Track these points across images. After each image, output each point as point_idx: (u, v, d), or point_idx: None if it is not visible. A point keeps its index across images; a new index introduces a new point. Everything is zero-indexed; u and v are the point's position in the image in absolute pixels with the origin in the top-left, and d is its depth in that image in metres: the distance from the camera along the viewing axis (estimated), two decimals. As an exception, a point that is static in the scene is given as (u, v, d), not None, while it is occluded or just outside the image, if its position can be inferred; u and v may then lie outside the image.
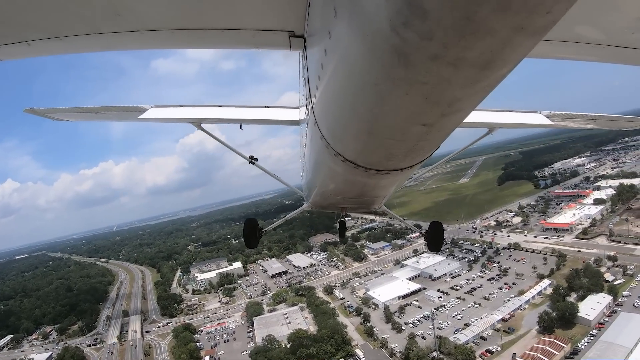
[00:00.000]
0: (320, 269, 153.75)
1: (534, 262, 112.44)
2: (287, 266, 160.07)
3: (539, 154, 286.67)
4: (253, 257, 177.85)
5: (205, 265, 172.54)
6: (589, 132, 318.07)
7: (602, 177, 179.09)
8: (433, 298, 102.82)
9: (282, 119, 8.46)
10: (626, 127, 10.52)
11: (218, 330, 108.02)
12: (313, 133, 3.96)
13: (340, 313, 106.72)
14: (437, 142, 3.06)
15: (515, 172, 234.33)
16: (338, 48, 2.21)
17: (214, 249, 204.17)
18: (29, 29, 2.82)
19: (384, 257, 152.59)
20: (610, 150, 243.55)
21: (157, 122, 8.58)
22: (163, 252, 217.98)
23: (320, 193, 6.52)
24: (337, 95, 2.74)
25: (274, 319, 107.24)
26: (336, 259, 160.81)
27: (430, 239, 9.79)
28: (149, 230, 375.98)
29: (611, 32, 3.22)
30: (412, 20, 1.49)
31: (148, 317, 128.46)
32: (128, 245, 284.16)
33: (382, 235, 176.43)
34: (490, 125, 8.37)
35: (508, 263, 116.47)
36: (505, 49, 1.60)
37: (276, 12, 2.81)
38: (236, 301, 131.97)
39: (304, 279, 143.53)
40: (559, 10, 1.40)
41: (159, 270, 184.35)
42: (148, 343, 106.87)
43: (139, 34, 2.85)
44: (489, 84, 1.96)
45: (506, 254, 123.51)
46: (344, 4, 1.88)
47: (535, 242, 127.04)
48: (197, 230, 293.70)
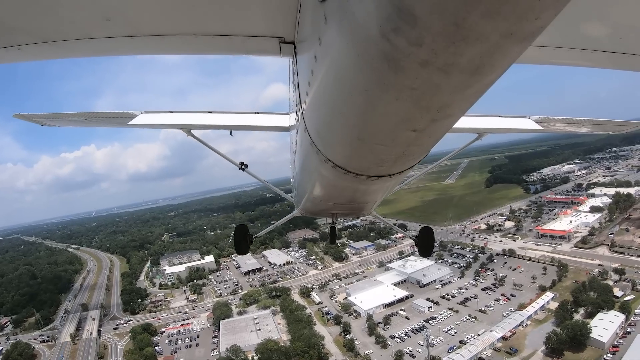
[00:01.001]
0: (297, 267, 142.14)
1: (532, 271, 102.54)
2: (262, 262, 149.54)
3: (526, 159, 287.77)
4: (227, 251, 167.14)
5: (176, 258, 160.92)
6: (577, 140, 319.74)
7: (595, 184, 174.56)
8: (422, 308, 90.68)
9: (272, 125, 8.36)
10: (614, 131, 9.79)
11: (181, 332, 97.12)
12: (303, 139, 3.94)
13: (318, 320, 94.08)
14: (427, 148, 3.05)
15: (503, 176, 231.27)
16: (328, 54, 2.21)
17: (187, 240, 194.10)
18: (18, 33, 2.80)
19: (366, 258, 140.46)
20: (600, 158, 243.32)
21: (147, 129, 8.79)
22: (136, 240, 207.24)
23: (310, 199, 6.38)
24: (328, 101, 2.74)
25: (242, 323, 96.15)
26: (315, 258, 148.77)
27: (421, 244, 9.44)
28: (126, 218, 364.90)
29: (599, 37, 3.26)
30: (402, 27, 1.50)
31: (109, 312, 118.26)
32: (103, 232, 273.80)
33: (365, 234, 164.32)
34: (479, 130, 8.33)
35: (503, 271, 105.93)
36: (494, 55, 1.61)
37: (267, 19, 2.81)
38: (204, 299, 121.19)
39: (279, 278, 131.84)
40: (547, 16, 1.41)
41: (129, 260, 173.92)
42: (104, 343, 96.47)
43: (130, 40, 2.85)
44: (479, 90, 1.97)
45: (501, 261, 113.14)
46: (334, 11, 1.87)
47: (531, 249, 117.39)
48: (174, 220, 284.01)
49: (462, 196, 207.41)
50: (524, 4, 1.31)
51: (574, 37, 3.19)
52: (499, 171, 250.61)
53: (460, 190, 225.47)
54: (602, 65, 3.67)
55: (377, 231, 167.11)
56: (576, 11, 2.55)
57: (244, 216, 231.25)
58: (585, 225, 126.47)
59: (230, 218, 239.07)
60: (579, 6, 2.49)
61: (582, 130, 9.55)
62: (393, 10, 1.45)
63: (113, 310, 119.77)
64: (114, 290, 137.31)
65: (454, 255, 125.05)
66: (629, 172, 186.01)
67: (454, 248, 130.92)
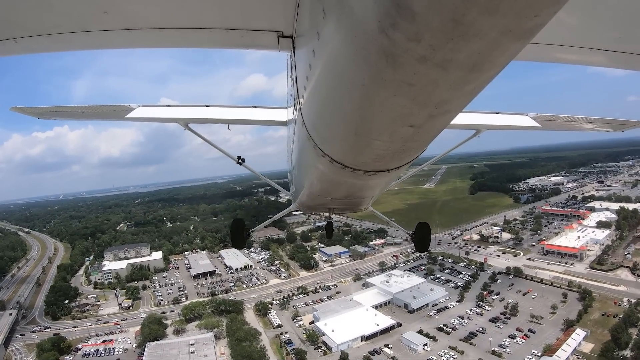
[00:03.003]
0: (257, 273, 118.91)
1: (548, 296, 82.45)
2: (217, 264, 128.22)
3: (507, 169, 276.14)
4: (181, 247, 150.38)
5: (122, 251, 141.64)
6: (558, 154, 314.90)
7: (591, 198, 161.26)
8: (414, 345, 67.08)
9: (270, 119, 8.30)
10: (611, 129, 9.30)
11: (100, 353, 77.97)
12: (300, 134, 3.90)
13: (274, 353, 68.53)
14: (425, 143, 3.04)
15: (488, 183, 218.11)
16: (326, 49, 2.20)
17: (139, 232, 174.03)
18: (15, 26, 2.80)
19: (340, 268, 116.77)
20: (587, 172, 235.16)
21: (144, 122, 8.75)
22: (88, 228, 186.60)
23: (307, 194, 6.23)
24: (325, 96, 2.74)
25: (174, 349, 75.02)
26: (279, 263, 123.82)
27: (418, 239, 9.43)
28: (90, 203, 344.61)
29: (598, 35, 3.28)
30: (401, 22, 1.49)
31: (29, 314, 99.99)
32: (60, 217, 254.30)
33: (339, 238, 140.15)
34: (477, 126, 8.30)
35: (512, 295, 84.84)
36: (493, 52, 1.61)
37: (265, 13, 2.82)
38: (140, 307, 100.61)
39: (233, 287, 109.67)
40: (546, 13, 1.41)
41: (74, 249, 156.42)
42: (9, 355, 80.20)
43: (127, 33, 2.84)
44: (477, 86, 1.97)
45: (505, 281, 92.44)
46: (333, 5, 1.86)
47: (540, 268, 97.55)
48: (136, 208, 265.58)
49: (447, 202, 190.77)
50: (523, 1, 1.31)
51: (573, 35, 3.20)
52: (482, 179, 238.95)
53: (442, 195, 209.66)
54: (601, 63, 3.67)
55: (353, 235, 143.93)
56: (575, 9, 2.55)
57: (208, 208, 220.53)
58: (595, 242, 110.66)
59: (194, 209, 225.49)
60: (578, 4, 2.51)
61: (579, 128, 9.32)
62: (392, 5, 1.44)
63: (35, 311, 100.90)
64: (45, 286, 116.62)
65: (447, 270, 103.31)
66: (622, 187, 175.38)
67: (446, 261, 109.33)
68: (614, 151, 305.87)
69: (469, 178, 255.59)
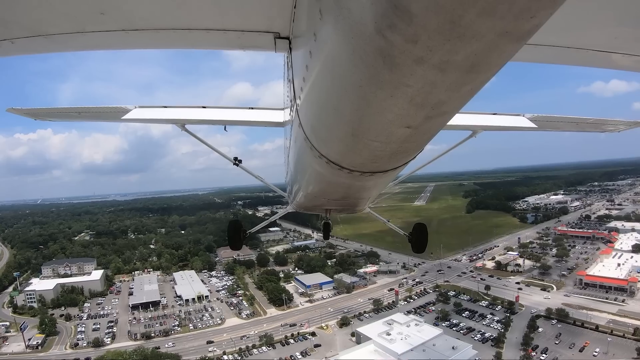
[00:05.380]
0: (211, 308, 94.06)
1: (615, 351, 58.59)
2: (166, 290, 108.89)
3: (500, 187, 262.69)
4: (132, 265, 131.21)
5: (62, 266, 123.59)
6: (550, 174, 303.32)
7: (607, 217, 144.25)
8: None
9: (267, 120, 8.06)
10: (609, 130, 9.09)
11: None
12: (297, 135, 3.91)
13: None
14: (422, 144, 3.06)
15: (485, 201, 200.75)
16: (323, 50, 2.20)
17: (91, 244, 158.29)
18: (12, 27, 2.77)
19: (321, 304, 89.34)
20: (587, 191, 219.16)
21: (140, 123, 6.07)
22: (43, 235, 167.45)
23: (304, 195, 6.28)
24: (322, 97, 2.75)
25: None
26: (242, 294, 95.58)
27: (415, 241, 9.13)
28: (63, 209, 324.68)
29: (595, 36, 3.29)
30: (398, 23, 1.48)
31: None
32: (23, 222, 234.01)
33: (321, 263, 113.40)
34: (474, 127, 8.16)
35: (564, 352, 60.08)
36: (490, 53, 1.61)
37: (262, 14, 2.83)
38: (51, 348, 79.64)
39: (176, 327, 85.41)
40: (543, 15, 1.40)
41: (15, 258, 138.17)
42: None
43: (124, 34, 2.84)
44: (474, 87, 1.97)
45: (549, 329, 68.10)
46: (330, 6, 1.85)
47: (586, 308, 73.77)
48: (104, 216, 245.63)
49: (443, 221, 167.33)
50: (520, 2, 1.31)
51: (570, 36, 3.20)
52: (477, 197, 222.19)
53: (438, 214, 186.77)
54: (598, 64, 3.69)
55: (338, 260, 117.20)
56: (572, 10, 2.58)
57: (178, 220, 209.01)
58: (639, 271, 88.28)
59: (162, 221, 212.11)
60: (575, 5, 2.54)
61: (576, 128, 9.11)
62: (389, 6, 1.43)
63: None
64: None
65: (464, 312, 77.53)
66: (636, 206, 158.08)
67: (462, 299, 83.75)
68: (608, 170, 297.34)
69: (461, 196, 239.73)
